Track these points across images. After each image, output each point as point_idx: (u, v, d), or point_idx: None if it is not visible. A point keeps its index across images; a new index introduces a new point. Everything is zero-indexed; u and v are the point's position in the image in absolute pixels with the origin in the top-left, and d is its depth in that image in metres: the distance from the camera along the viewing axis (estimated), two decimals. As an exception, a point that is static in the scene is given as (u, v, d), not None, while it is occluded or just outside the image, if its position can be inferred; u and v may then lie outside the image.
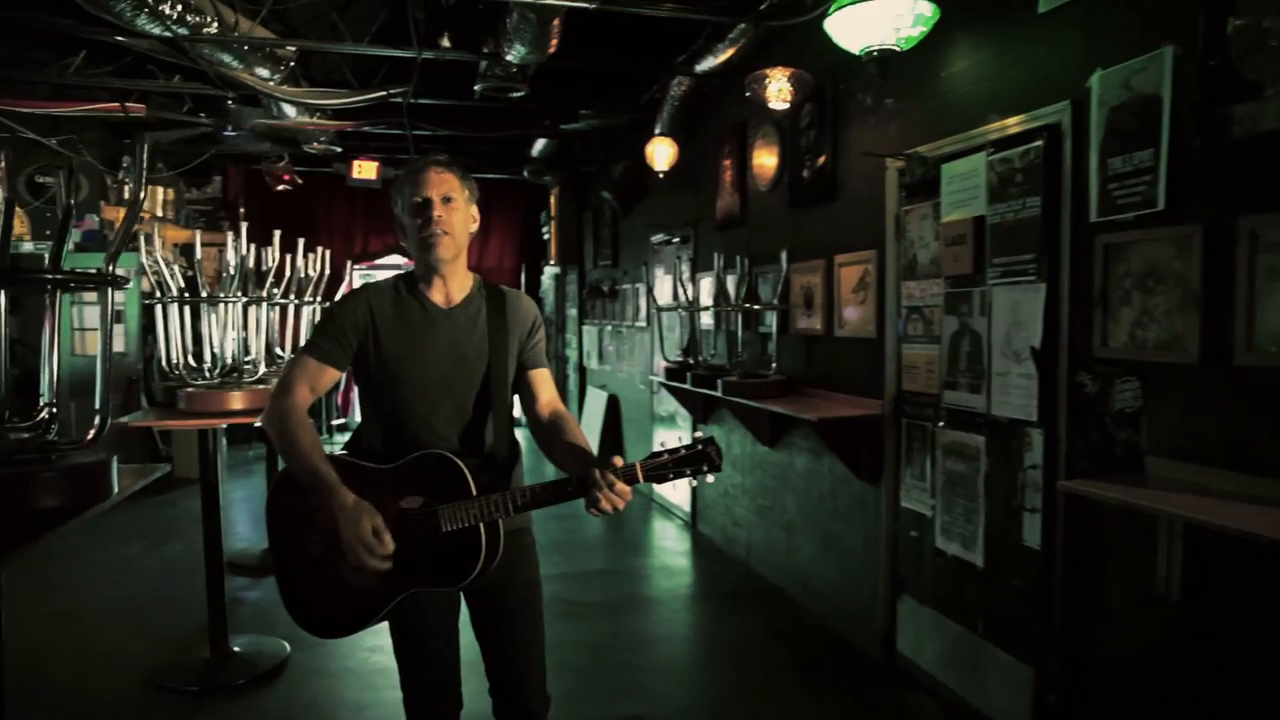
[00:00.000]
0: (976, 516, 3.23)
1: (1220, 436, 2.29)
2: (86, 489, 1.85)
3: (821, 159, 4.32)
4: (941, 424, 3.44)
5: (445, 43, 4.99)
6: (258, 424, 2.29)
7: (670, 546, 5.96)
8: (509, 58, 4.70)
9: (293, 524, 2.08)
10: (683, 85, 5.58)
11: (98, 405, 1.92)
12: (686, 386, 5.23)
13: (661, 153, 5.69)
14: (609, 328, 8.57)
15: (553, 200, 9.48)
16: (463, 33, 4.97)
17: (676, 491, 6.61)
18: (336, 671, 3.81)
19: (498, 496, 1.91)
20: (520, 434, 2.24)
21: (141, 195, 1.87)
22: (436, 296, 2.10)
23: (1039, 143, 2.88)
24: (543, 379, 2.19)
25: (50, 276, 1.73)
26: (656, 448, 2.00)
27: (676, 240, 6.48)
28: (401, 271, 2.17)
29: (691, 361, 5.48)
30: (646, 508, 6.97)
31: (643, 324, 7.34)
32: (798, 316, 4.62)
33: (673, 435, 6.64)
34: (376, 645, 3.90)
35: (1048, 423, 2.88)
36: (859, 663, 3.87)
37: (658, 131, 5.95)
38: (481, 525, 1.91)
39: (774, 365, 4.71)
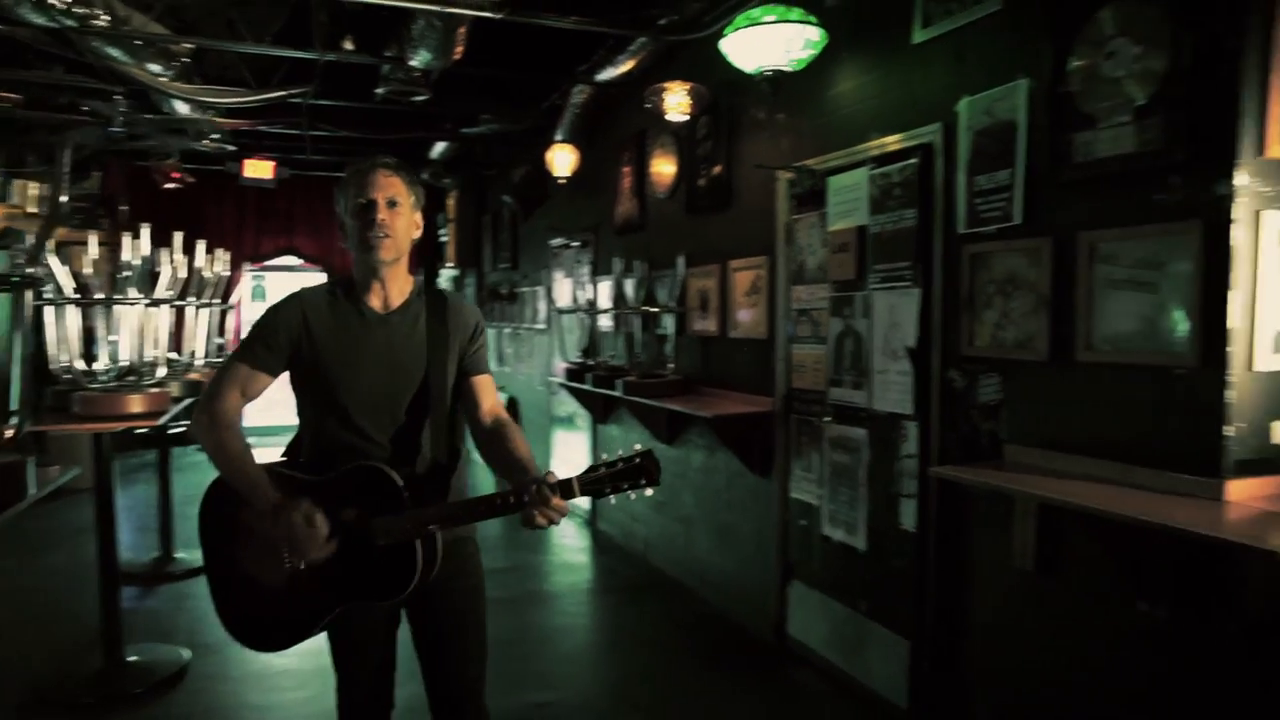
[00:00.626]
0: (859, 504, 3.50)
1: (1066, 425, 2.59)
2: (6, 490, 1.84)
3: (717, 169, 4.54)
4: (828, 419, 3.70)
5: (348, 45, 5.00)
6: (174, 429, 2.37)
7: (570, 543, 6.09)
8: (413, 63, 4.75)
9: (226, 534, 2.05)
10: (583, 94, 5.73)
11: (15, 407, 1.91)
12: (587, 387, 5.38)
13: (562, 159, 5.82)
14: (508, 330, 8.63)
15: (451, 203, 9.48)
16: (366, 36, 4.99)
17: (577, 490, 6.74)
18: (238, 676, 3.79)
19: (432, 510, 1.90)
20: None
21: (62, 196, 1.87)
22: (374, 301, 2.05)
23: (914, 160, 3.15)
24: (484, 386, 2.15)
25: (-39, 279, 1.68)
26: (553, 453, 1.99)
27: (577, 244, 6.61)
28: (339, 278, 2.13)
29: (591, 362, 5.63)
30: (547, 507, 7.08)
31: (542, 326, 7.45)
32: (694, 318, 4.84)
33: (573, 436, 6.78)
34: (280, 647, 3.89)
35: (922, 416, 3.16)
36: (754, 647, 4.09)
37: (558, 138, 6.07)
38: (417, 539, 1.88)
39: (671, 365, 4.91)
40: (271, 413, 6.12)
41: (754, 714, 3.45)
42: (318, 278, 10.12)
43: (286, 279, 11.04)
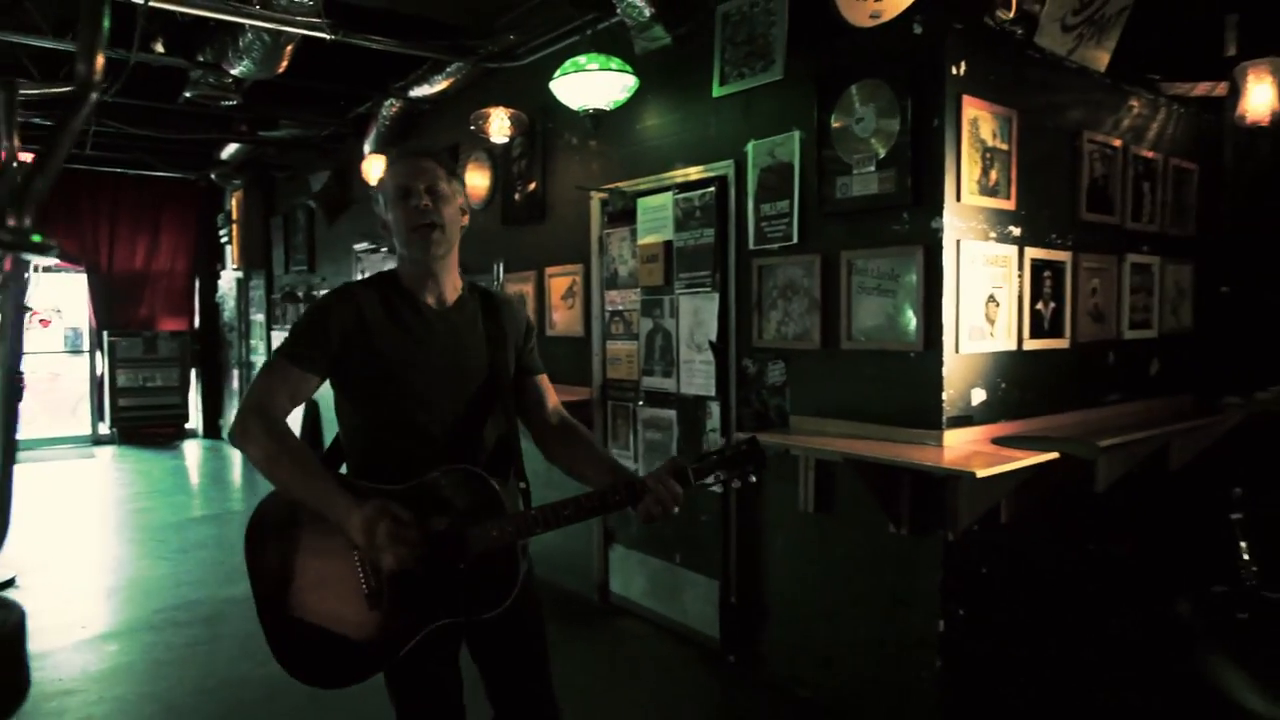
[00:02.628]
0: (671, 473, 4.19)
1: (834, 398, 3.40)
2: None
3: (532, 185, 5.08)
4: (641, 403, 4.36)
5: (159, 48, 5.02)
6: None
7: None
8: (235, 72, 4.89)
9: (284, 559, 1.82)
10: (394, 107, 6.04)
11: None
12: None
13: (376, 169, 6.09)
14: (303, 332, 8.62)
15: (235, 203, 9.27)
16: (178, 38, 5.02)
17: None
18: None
19: (535, 512, 1.76)
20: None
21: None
22: (429, 298, 1.91)
23: (712, 189, 3.87)
24: (545, 384, 2.08)
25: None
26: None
27: (384, 250, 6.87)
28: (383, 272, 1.99)
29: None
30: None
31: (346, 328, 7.59)
32: (513, 319, 5.34)
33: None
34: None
35: (722, 396, 3.90)
36: (582, 607, 4.68)
37: (368, 148, 6.33)
38: (517, 545, 1.78)
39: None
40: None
41: (586, 658, 4.03)
42: (77, 279, 9.55)
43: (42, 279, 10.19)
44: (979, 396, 3.19)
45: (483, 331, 1.95)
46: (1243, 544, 4.16)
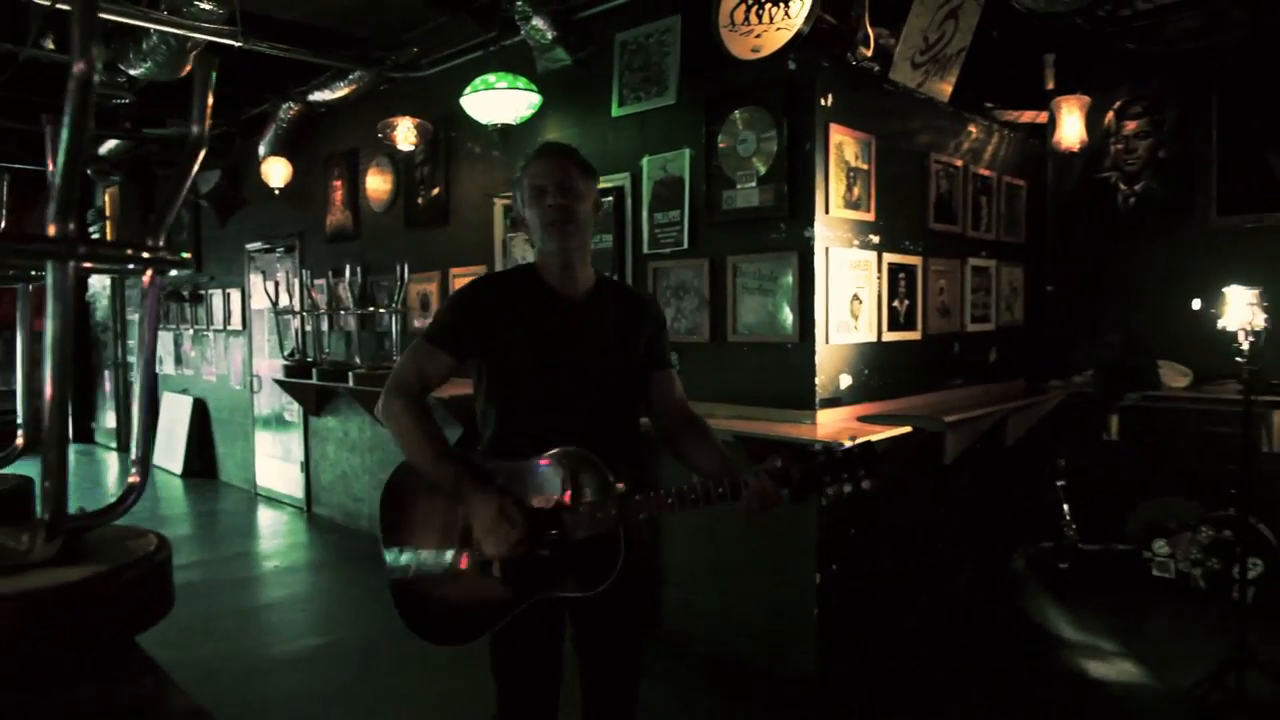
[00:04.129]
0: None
1: (723, 385, 3.85)
2: None
3: (436, 190, 5.34)
4: (546, 395, 4.70)
5: (50, 45, 5.01)
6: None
7: (288, 529, 6.47)
8: (134, 73, 4.94)
9: (412, 522, 1.98)
10: (292, 110, 6.15)
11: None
12: (312, 382, 5.86)
13: (277, 171, 6.19)
14: (190, 332, 8.52)
15: (108, 199, 9.02)
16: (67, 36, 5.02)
17: (285, 480, 7.08)
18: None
19: (641, 497, 1.81)
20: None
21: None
22: (564, 289, 1.99)
23: (611, 199, 4.26)
24: (673, 378, 2.12)
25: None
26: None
27: (280, 250, 6.94)
28: (522, 265, 2.13)
29: (312, 359, 6.10)
30: (252, 502, 7.30)
31: (236, 328, 7.59)
32: (415, 317, 5.58)
33: (281, 434, 7.09)
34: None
35: (622, 387, 4.29)
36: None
37: (264, 151, 6.40)
38: (621, 528, 1.81)
39: (397, 359, 5.60)
40: None
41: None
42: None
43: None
44: (846, 381, 3.70)
45: (614, 322, 2.01)
46: (1065, 506, 4.88)
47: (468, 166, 5.16)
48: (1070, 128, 4.97)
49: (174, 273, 9.09)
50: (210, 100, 1.37)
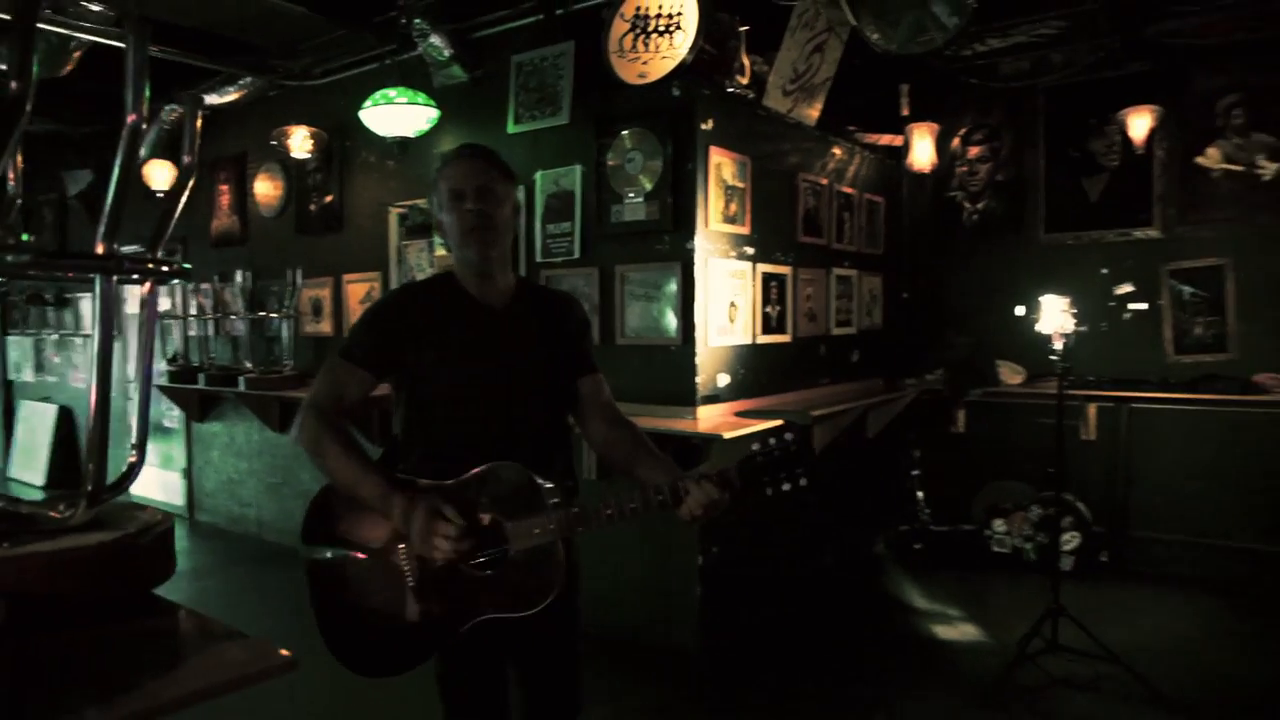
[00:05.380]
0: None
1: (613, 383, 4.12)
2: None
3: (329, 197, 5.43)
4: (442, 396, 4.89)
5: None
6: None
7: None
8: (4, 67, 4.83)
9: (336, 550, 1.87)
10: (175, 112, 6.09)
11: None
12: (198, 387, 5.83)
13: (161, 174, 6.11)
14: (53, 338, 8.20)
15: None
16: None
17: (165, 488, 6.95)
18: None
19: (580, 510, 1.74)
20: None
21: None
22: (484, 297, 1.92)
23: (505, 209, 4.49)
24: (600, 383, 2.05)
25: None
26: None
27: (160, 253, 6.80)
28: (440, 272, 2.03)
29: (198, 364, 6.05)
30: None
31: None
32: (307, 322, 5.65)
33: (160, 444, 6.96)
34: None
35: (517, 387, 4.53)
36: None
37: (144, 153, 6.30)
38: (559, 543, 1.75)
39: (289, 363, 5.66)
40: None
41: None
42: None
43: None
44: (724, 380, 4.07)
45: (537, 329, 1.95)
46: (919, 493, 5.41)
47: (362, 175, 5.28)
48: (922, 151, 5.52)
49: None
50: (198, 135, 1.58)
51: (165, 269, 1.41)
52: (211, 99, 5.68)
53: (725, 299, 4.07)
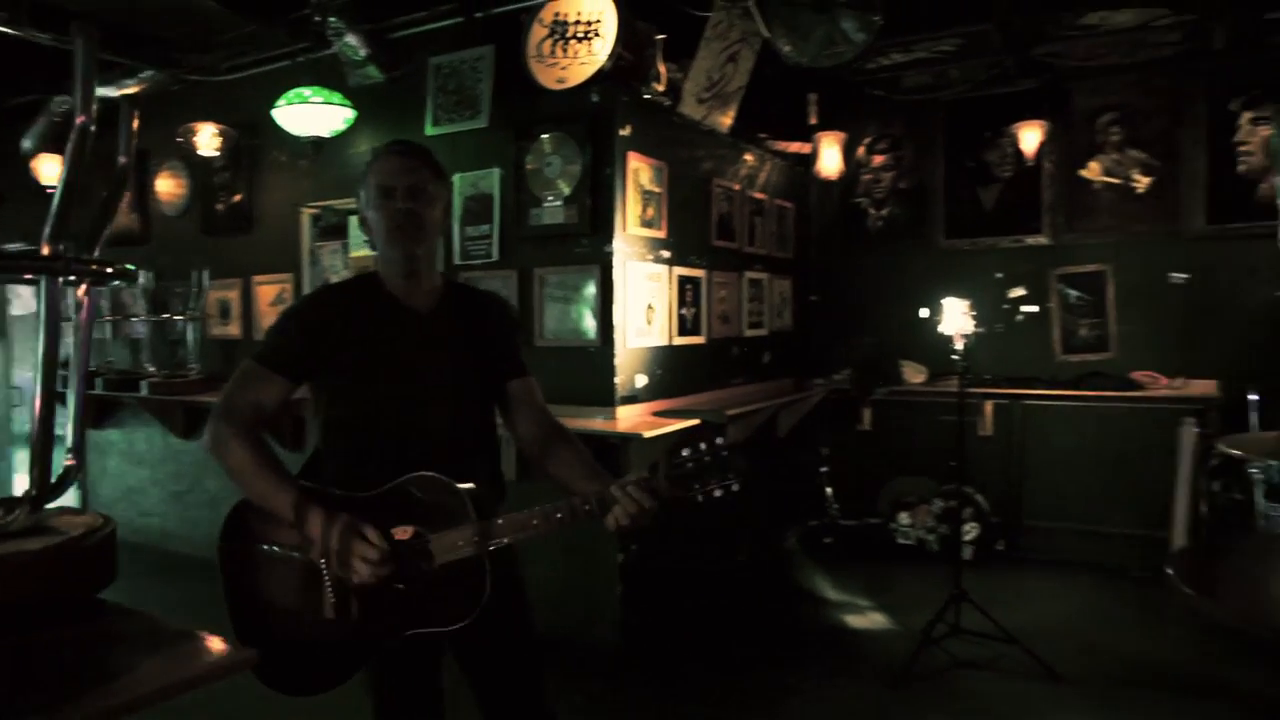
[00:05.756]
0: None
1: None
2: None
3: (237, 196, 5.30)
4: (358, 399, 4.83)
5: None
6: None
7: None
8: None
9: (253, 565, 1.80)
10: (65, 105, 5.83)
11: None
12: (96, 392, 5.59)
13: (51, 169, 5.84)
14: (-69, 341, 7.72)
15: None
16: None
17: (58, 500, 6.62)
18: None
19: (505, 520, 1.70)
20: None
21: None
22: (409, 299, 1.86)
23: (423, 211, 4.48)
24: (531, 386, 1.99)
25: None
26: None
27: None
28: (364, 271, 1.95)
29: (94, 368, 5.81)
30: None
31: (-5, 335, 7.00)
32: (214, 324, 5.49)
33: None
34: None
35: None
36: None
37: (29, 144, 6.01)
38: (484, 555, 1.69)
39: (194, 366, 5.49)
40: None
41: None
42: None
43: None
44: (642, 380, 4.15)
45: (462, 332, 1.90)
46: (828, 489, 5.61)
47: (272, 175, 5.17)
48: (829, 159, 5.73)
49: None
50: (135, 134, 1.57)
51: (109, 270, 1.41)
52: (105, 91, 5.47)
53: (643, 301, 4.15)
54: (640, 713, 3.45)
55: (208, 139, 4.95)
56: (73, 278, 1.16)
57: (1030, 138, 5.24)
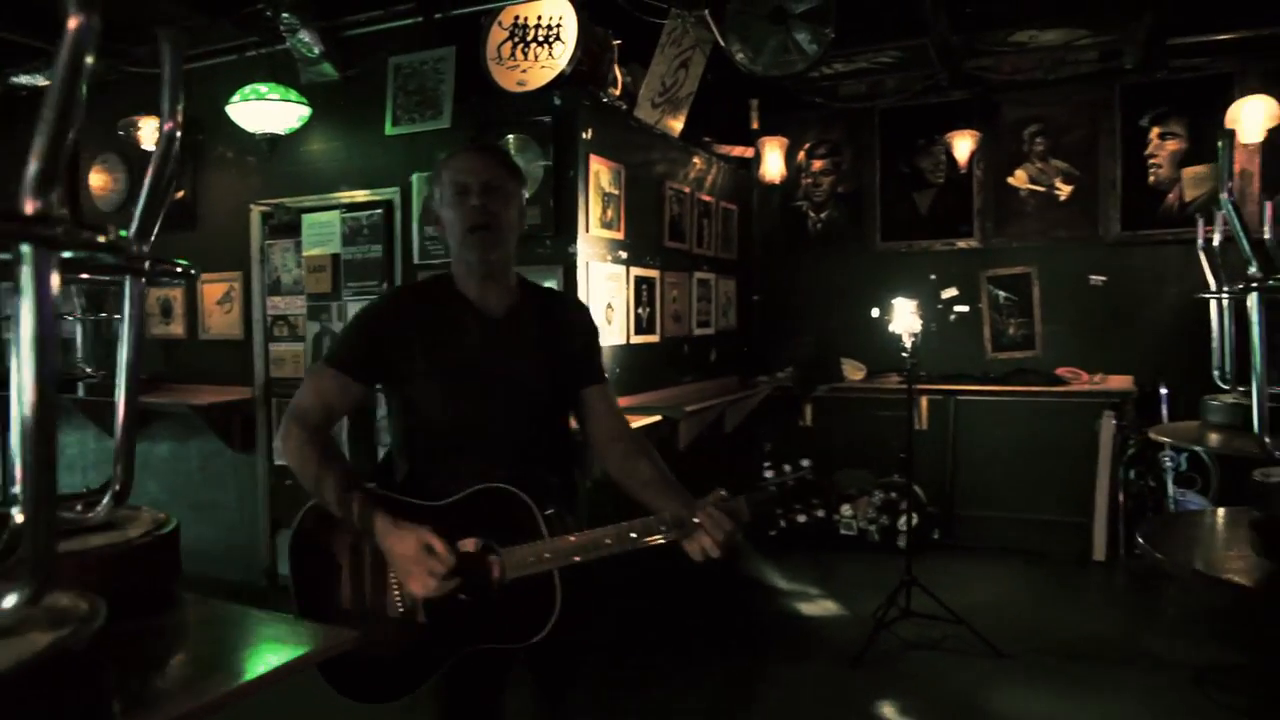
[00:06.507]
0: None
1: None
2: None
3: (181, 193, 5.17)
4: (311, 399, 4.79)
5: None
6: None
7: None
8: None
9: (324, 567, 1.77)
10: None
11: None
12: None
13: (-24, 162, 5.59)
14: None
15: None
16: None
17: (-22, 508, 6.35)
18: None
19: (576, 539, 1.65)
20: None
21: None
22: (483, 303, 1.82)
23: (380, 210, 4.48)
24: (606, 394, 1.93)
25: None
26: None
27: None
28: (438, 273, 1.92)
29: (22, 369, 5.59)
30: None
31: (-95, 335, 6.66)
32: (155, 324, 5.36)
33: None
34: None
35: (393, 389, 4.52)
36: (250, 592, 4.94)
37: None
38: (555, 572, 1.65)
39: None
40: None
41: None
42: None
43: None
44: (604, 379, 4.24)
45: (538, 337, 1.84)
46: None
47: (220, 171, 5.08)
48: (772, 163, 5.92)
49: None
50: (180, 85, 1.59)
51: (179, 269, 1.42)
52: (29, 79, 5.28)
53: (604, 300, 4.25)
54: (611, 702, 3.55)
55: (151, 132, 4.83)
56: (162, 279, 1.19)
57: (963, 146, 5.52)
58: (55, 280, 0.78)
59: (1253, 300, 1.47)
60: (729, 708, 3.41)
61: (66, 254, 0.81)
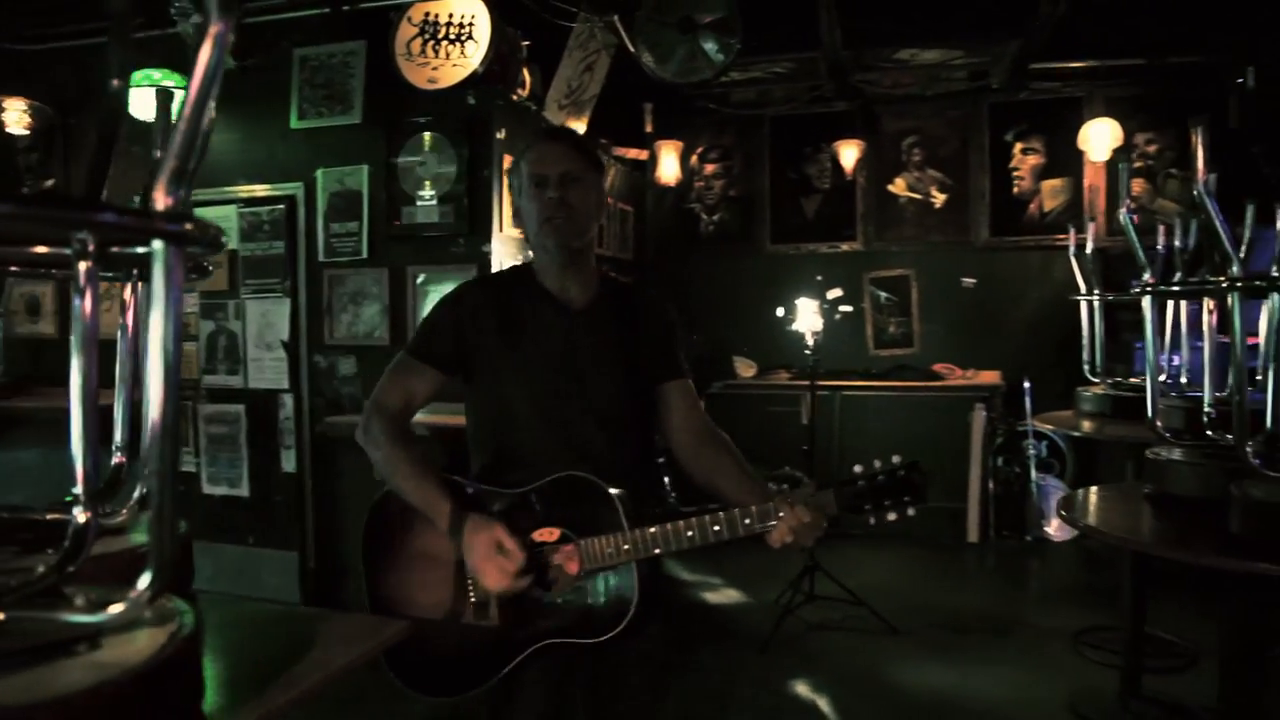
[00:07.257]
0: (241, 462, 4.53)
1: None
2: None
3: (49, 181, 4.84)
4: (204, 401, 4.60)
5: None
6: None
7: None
8: None
9: (396, 557, 1.78)
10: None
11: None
12: None
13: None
14: None
15: None
16: None
17: None
18: None
19: (656, 530, 1.60)
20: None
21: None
22: (562, 293, 1.81)
23: (281, 206, 4.34)
24: (687, 389, 1.90)
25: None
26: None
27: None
28: (518, 264, 1.94)
29: None
30: None
31: None
32: (20, 322, 4.99)
33: None
34: None
35: (295, 389, 4.40)
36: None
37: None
38: (634, 565, 1.62)
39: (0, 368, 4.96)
40: None
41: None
42: None
43: None
44: (517, 377, 4.27)
45: (616, 329, 1.83)
46: (665, 479, 5.95)
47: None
48: (667, 166, 6.08)
49: None
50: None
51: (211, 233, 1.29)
52: None
53: (516, 300, 4.27)
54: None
55: (16, 116, 4.50)
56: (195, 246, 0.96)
57: (848, 154, 5.84)
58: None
59: (1233, 299, 1.69)
60: (644, 694, 3.50)
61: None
